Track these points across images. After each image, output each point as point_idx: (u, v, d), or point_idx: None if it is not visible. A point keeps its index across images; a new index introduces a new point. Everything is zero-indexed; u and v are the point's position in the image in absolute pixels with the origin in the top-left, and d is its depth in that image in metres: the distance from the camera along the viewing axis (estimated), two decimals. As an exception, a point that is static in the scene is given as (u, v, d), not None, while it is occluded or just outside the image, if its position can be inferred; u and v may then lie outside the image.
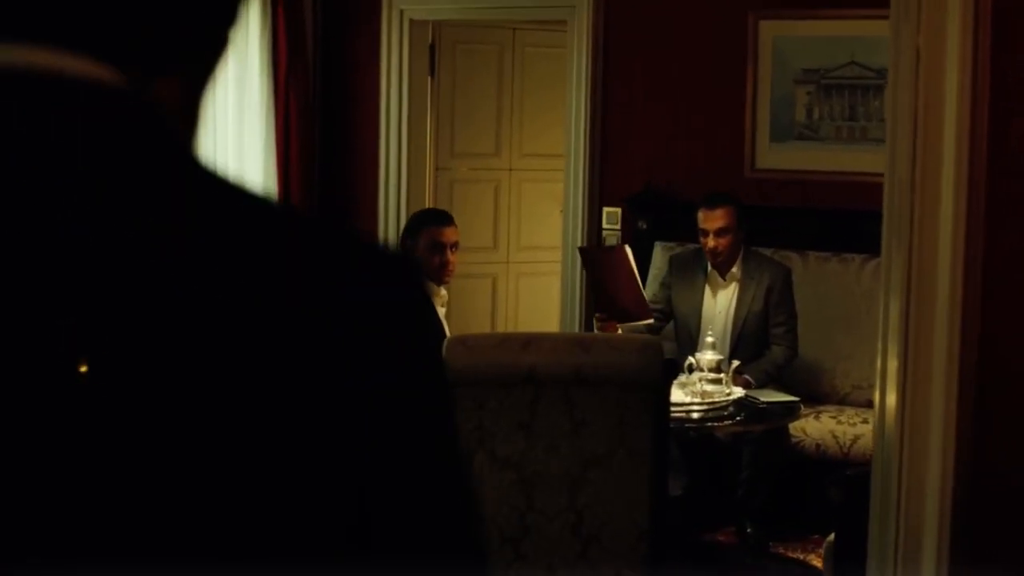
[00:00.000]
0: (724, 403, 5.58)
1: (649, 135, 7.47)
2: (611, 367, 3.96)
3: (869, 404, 6.51)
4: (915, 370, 3.53)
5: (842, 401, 6.69)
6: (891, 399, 3.61)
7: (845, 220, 6.89)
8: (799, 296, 6.48)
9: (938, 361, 3.48)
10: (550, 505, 4.06)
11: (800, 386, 6.48)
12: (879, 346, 3.67)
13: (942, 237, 3.32)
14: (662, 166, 7.41)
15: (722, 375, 5.63)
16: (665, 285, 6.50)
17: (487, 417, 4.04)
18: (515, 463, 4.06)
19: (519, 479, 4.05)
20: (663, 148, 7.43)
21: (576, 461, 4.05)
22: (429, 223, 5.82)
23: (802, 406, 5.97)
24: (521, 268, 8.77)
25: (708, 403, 5.53)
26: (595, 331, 5.86)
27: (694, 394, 5.56)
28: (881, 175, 6.75)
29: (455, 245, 5.76)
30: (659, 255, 7.22)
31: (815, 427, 6.30)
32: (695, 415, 5.51)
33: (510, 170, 8.72)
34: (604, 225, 7.64)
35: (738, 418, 5.60)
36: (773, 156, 7.19)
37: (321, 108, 8.13)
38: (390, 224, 7.90)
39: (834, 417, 6.36)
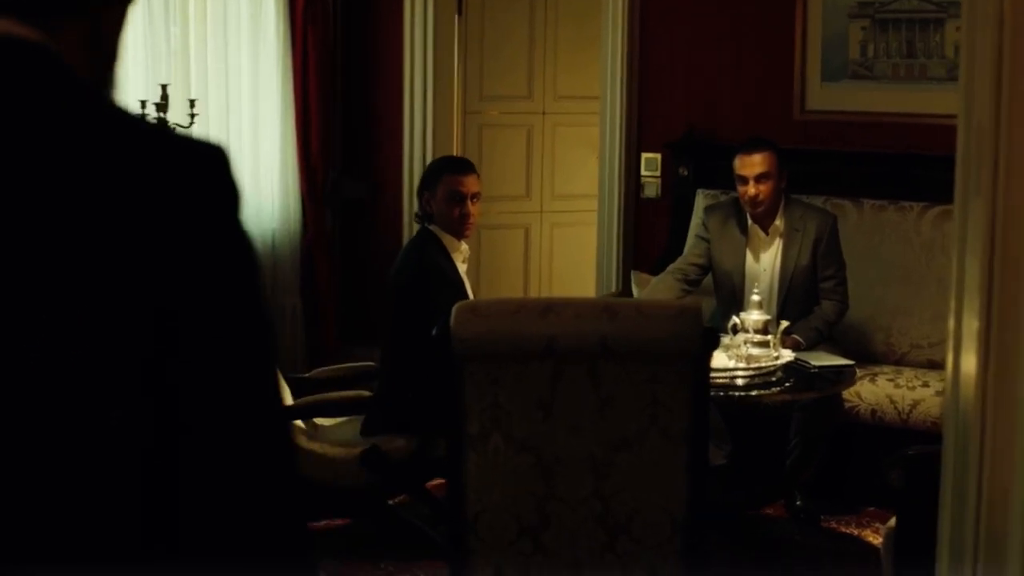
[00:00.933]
0: (771, 368, 5.10)
1: (691, 75, 7.06)
2: (642, 337, 3.48)
3: (930, 365, 6.07)
4: (1000, 331, 3.02)
5: (899, 361, 6.21)
6: (968, 364, 3.08)
7: (903, 165, 6.47)
8: (852, 248, 6.03)
9: (1029, 320, 2.95)
10: (573, 492, 3.59)
11: (854, 345, 6.05)
12: (951, 304, 3.14)
13: (1031, 188, 2.79)
14: (705, 109, 7.01)
15: (769, 337, 5.15)
16: (702, 239, 6.00)
17: (502, 394, 3.57)
18: (534, 446, 3.60)
19: (538, 463, 3.59)
20: (706, 89, 7.02)
21: (602, 443, 3.58)
22: (448, 171, 5.34)
23: (856, 370, 5.48)
24: (556, 218, 8.34)
25: (754, 368, 5.05)
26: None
27: (739, 358, 5.09)
28: (943, 116, 6.33)
29: (476, 196, 5.29)
30: (702, 204, 6.78)
31: (871, 391, 5.81)
32: (740, 382, 5.04)
33: (543, 113, 8.27)
34: (643, 172, 7.26)
35: (787, 384, 5.12)
36: (825, 97, 6.75)
37: (342, 50, 7.73)
38: (415, 172, 7.44)
39: (891, 380, 5.86)
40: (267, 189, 7.37)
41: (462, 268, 5.31)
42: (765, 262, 5.83)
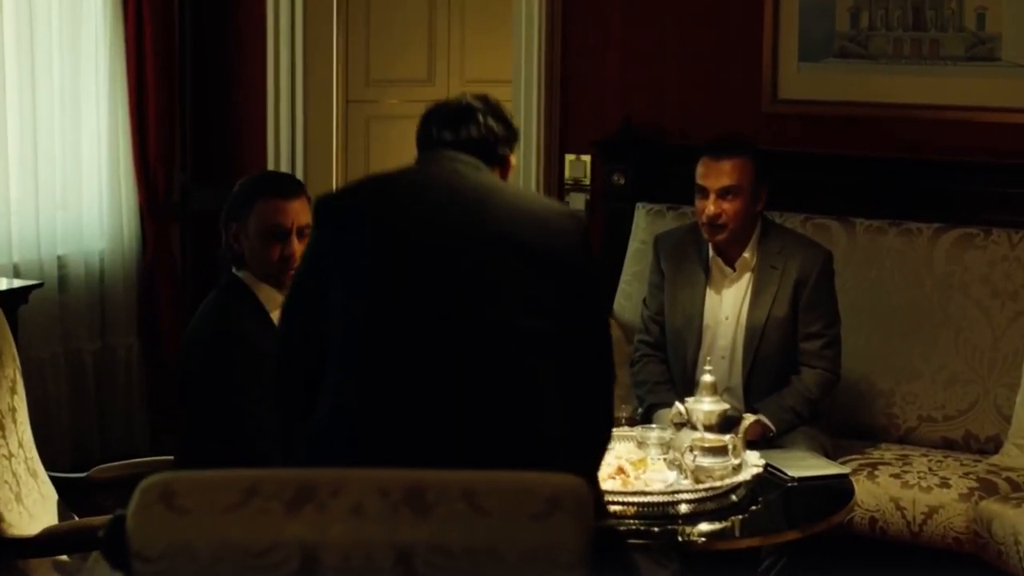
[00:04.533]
0: (729, 487, 3.52)
1: (629, 54, 5.95)
2: (482, 549, 1.89)
3: (945, 444, 4.67)
4: None
5: (904, 439, 4.82)
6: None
7: (908, 173, 5.33)
8: (841, 285, 4.63)
9: None
10: None
11: (843, 417, 4.74)
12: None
13: None
14: (647, 98, 5.95)
15: (727, 438, 3.57)
16: (656, 285, 4.58)
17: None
18: None
19: None
20: (648, 72, 5.94)
21: None
22: (262, 194, 3.74)
23: (849, 470, 4.00)
24: (464, 233, 6.93)
25: (705, 489, 3.48)
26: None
27: (683, 471, 3.52)
28: (962, 108, 5.09)
29: (304, 229, 3.70)
30: (643, 221, 5.51)
31: (869, 492, 4.32)
32: (683, 508, 3.47)
33: (448, 102, 6.97)
34: (567, 177, 6.07)
35: (752, 509, 3.56)
36: (804, 82, 5.59)
37: (190, 23, 6.45)
38: (283, 179, 6.11)
39: (897, 475, 4.36)
40: (91, 199, 6.02)
41: (285, 327, 3.71)
42: (728, 308, 4.47)
